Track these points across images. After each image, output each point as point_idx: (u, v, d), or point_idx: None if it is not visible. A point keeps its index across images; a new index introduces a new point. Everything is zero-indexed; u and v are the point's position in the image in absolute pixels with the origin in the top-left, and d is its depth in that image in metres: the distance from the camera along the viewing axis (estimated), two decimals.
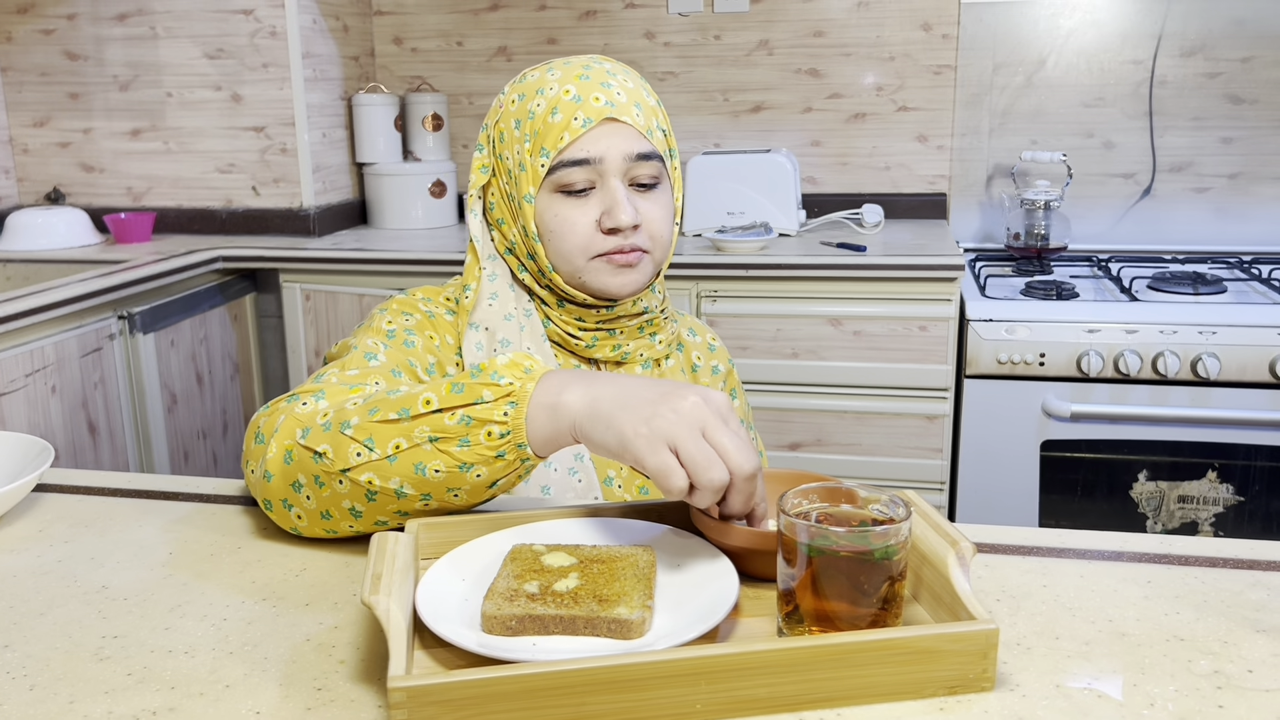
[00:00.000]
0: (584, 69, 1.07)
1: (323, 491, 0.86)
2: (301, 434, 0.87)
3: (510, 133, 1.08)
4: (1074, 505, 2.15)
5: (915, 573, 0.76)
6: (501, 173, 1.10)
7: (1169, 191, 2.60)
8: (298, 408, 0.89)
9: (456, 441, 0.81)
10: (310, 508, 0.87)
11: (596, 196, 1.07)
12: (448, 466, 0.82)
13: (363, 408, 0.86)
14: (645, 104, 1.08)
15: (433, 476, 0.82)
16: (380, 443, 0.83)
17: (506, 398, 0.81)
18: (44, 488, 1.04)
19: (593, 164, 1.05)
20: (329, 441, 0.85)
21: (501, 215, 1.11)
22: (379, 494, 0.84)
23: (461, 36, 2.88)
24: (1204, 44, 2.51)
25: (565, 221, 1.06)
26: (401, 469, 0.83)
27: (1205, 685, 0.67)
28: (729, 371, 1.26)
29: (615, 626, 0.70)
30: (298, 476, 0.87)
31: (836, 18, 2.69)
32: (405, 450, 0.82)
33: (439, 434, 0.82)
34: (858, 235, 2.48)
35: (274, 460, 0.88)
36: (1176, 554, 0.85)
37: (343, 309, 2.42)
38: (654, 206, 1.08)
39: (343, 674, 0.70)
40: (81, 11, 2.62)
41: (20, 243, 2.49)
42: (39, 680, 0.70)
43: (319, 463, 0.85)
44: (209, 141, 2.63)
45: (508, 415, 0.80)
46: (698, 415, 0.75)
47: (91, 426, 2.07)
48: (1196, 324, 2.03)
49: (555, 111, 1.04)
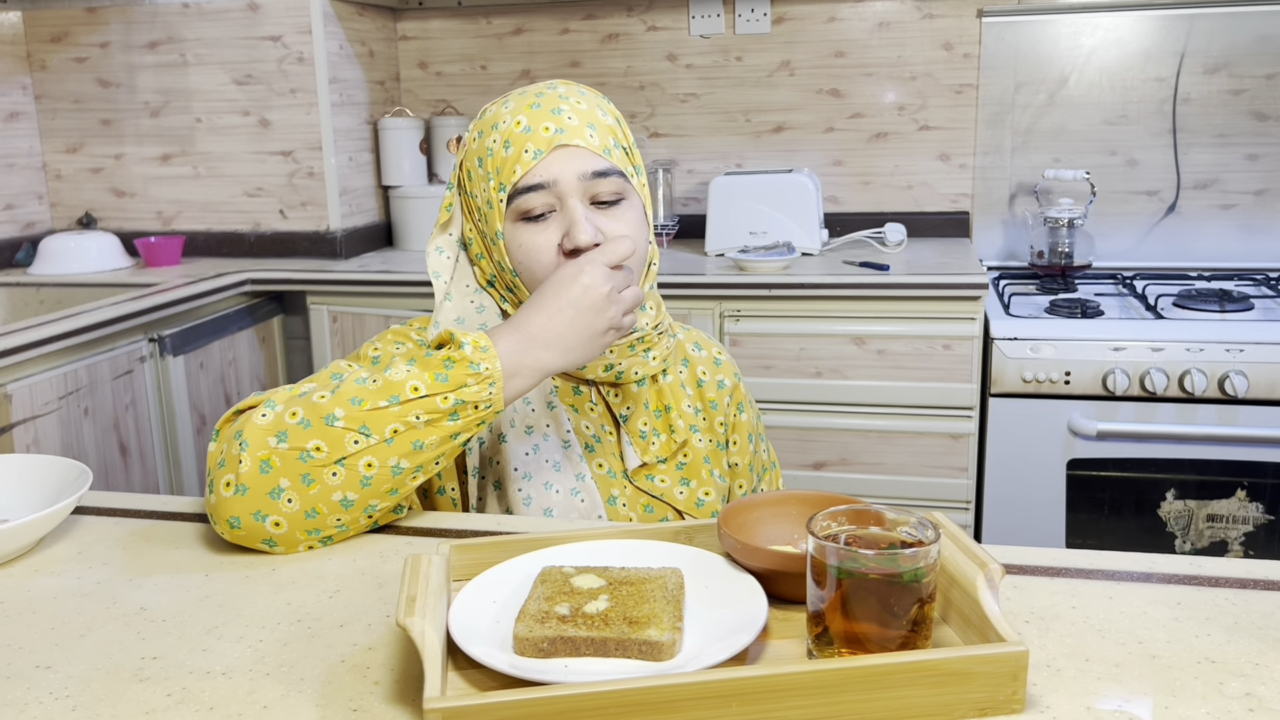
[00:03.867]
0: (536, 97, 1.08)
1: (310, 489, 0.91)
2: (278, 440, 0.91)
3: (475, 171, 1.09)
4: (1101, 524, 2.14)
5: (944, 595, 0.76)
6: (473, 210, 1.11)
7: (1194, 208, 2.59)
8: (256, 419, 0.93)
9: (447, 417, 0.94)
10: (292, 510, 0.92)
11: (556, 220, 1.06)
12: (441, 437, 0.94)
13: (339, 399, 0.93)
14: (600, 123, 1.08)
15: (428, 449, 0.94)
16: (376, 428, 0.92)
17: (486, 380, 0.94)
18: (81, 510, 1.06)
19: (548, 187, 1.05)
20: (317, 436, 0.91)
21: (479, 250, 1.12)
22: (376, 476, 0.93)
23: (486, 60, 2.91)
24: (1227, 61, 2.51)
25: (530, 250, 1.06)
26: (400, 448, 0.93)
27: (1237, 708, 0.67)
28: (735, 385, 1.26)
29: (646, 649, 0.71)
30: (279, 482, 0.91)
31: (858, 38, 2.70)
32: (403, 433, 0.92)
33: (432, 415, 0.93)
34: (880, 254, 2.48)
35: (248, 473, 0.91)
36: (1206, 575, 0.85)
37: (369, 330, 2.44)
38: (617, 224, 1.07)
39: (378, 695, 0.71)
40: (114, 40, 2.67)
41: (53, 267, 2.53)
42: (81, 701, 0.71)
43: (309, 460, 0.91)
44: (237, 166, 2.67)
45: (491, 394, 0.95)
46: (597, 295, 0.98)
47: (123, 448, 2.10)
48: (1224, 341, 2.02)
49: (508, 145, 1.05)
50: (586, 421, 1.14)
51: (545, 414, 1.11)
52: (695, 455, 1.17)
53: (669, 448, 1.16)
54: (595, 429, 1.14)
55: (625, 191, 1.08)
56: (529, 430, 1.10)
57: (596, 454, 1.14)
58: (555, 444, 1.11)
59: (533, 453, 1.10)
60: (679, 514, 1.17)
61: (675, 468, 1.16)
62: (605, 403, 1.15)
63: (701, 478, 1.17)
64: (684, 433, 1.16)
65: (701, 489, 1.17)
